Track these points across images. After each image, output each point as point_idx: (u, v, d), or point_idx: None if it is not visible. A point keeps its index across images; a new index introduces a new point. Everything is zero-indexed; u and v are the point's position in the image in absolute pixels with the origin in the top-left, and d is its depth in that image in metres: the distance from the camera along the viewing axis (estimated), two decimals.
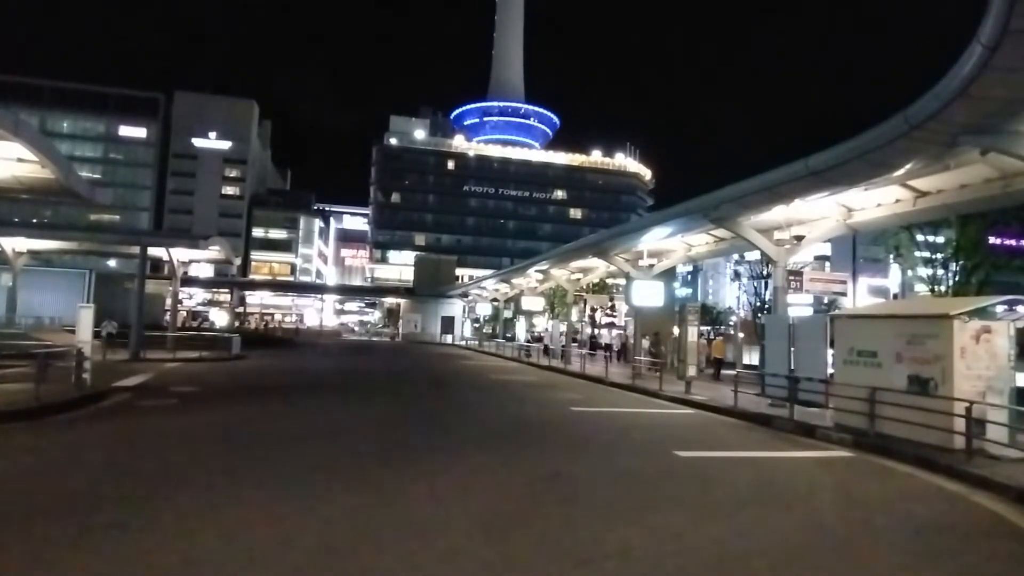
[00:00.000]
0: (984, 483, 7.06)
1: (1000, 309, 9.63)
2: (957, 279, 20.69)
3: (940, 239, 21.75)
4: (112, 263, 59.03)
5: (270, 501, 5.70)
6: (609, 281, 43.71)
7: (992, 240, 21.00)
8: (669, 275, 26.70)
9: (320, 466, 7.27)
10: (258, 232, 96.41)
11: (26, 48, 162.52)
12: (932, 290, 21.46)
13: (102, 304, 18.16)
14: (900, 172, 12.17)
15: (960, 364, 8.52)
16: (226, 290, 72.69)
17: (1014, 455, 7.97)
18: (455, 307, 64.68)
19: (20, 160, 12.95)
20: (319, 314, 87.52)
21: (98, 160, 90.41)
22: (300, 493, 5.99)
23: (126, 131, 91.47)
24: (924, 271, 22.30)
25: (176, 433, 9.29)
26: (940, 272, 21.31)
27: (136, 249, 25.76)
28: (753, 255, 34.65)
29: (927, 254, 21.99)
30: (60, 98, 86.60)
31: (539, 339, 32.56)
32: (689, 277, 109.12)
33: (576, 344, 33.87)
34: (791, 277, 17.03)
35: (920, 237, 21.66)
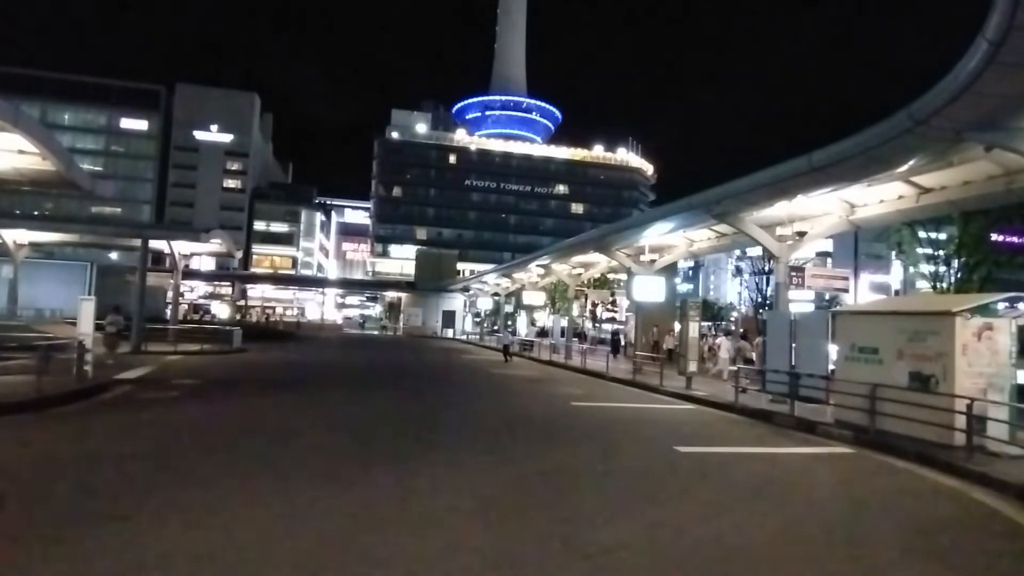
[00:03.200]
0: (984, 480, 7.06)
1: (1002, 306, 9.61)
2: (959, 276, 20.63)
3: (943, 236, 21.68)
4: (113, 256, 59.07)
5: (272, 494, 5.71)
6: (610, 276, 43.67)
7: (995, 237, 20.92)
8: (670, 270, 26.70)
9: (321, 460, 7.29)
10: (259, 225, 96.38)
11: (27, 40, 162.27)
12: (934, 287, 21.42)
13: (103, 297, 18.12)
14: (903, 168, 12.13)
15: (961, 361, 8.52)
16: (227, 283, 72.75)
17: (1014, 452, 7.97)
18: (456, 301, 64.69)
19: (21, 152, 12.92)
20: (320, 308, 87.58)
21: (99, 152, 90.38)
22: (301, 486, 6.01)
23: (127, 123, 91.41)
24: (926, 268, 22.25)
25: (178, 426, 9.30)
26: (942, 269, 21.25)
27: (137, 242, 25.74)
28: (755, 251, 34.56)
29: (929, 251, 21.93)
30: (61, 90, 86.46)
31: (544, 333, 32.33)
32: (690, 272, 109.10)
33: (584, 340, 33.76)
34: (793, 273, 16.98)
35: (922, 234, 21.59)
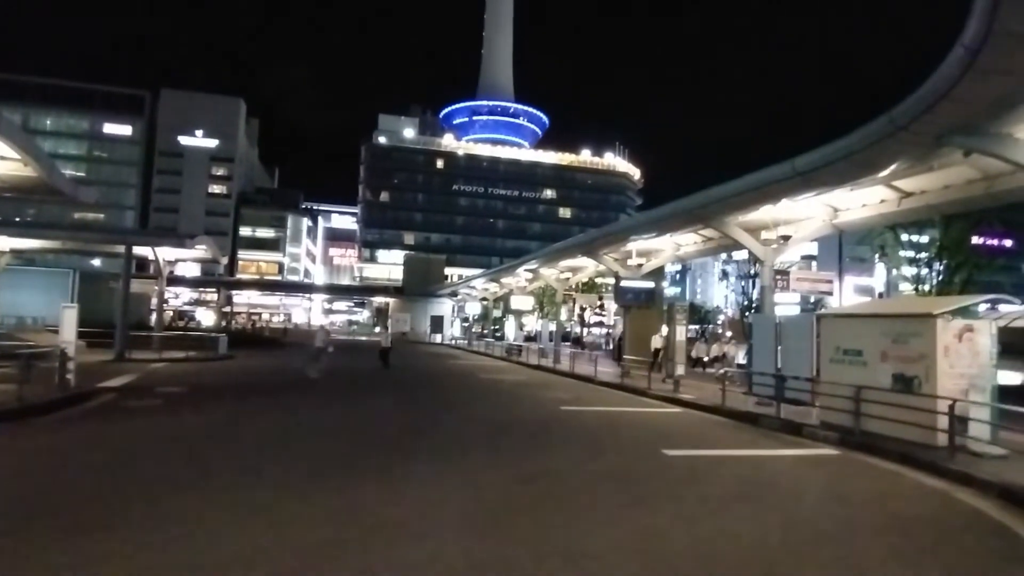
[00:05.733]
0: (967, 480, 7.15)
1: (982, 308, 9.79)
2: (941, 278, 20.91)
3: (924, 239, 21.99)
4: (97, 262, 58.25)
5: (258, 502, 5.66)
6: (598, 280, 43.82)
7: (975, 240, 21.27)
8: (658, 274, 26.82)
9: (307, 467, 7.24)
10: (245, 231, 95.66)
11: (8, 44, 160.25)
12: (916, 289, 21.68)
13: (86, 304, 17.91)
14: (885, 173, 12.31)
15: (943, 362, 8.63)
16: (213, 289, 72.10)
17: (996, 452, 8.08)
18: (444, 306, 64.64)
19: (2, 158, 12.73)
20: (307, 313, 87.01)
21: (82, 158, 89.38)
22: (288, 494, 5.96)
23: (111, 129, 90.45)
24: (908, 270, 22.53)
25: (161, 434, 9.20)
26: (924, 271, 21.53)
27: (121, 248, 25.44)
28: (741, 254, 34.85)
29: (912, 254, 22.21)
30: (43, 95, 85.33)
31: (532, 338, 31.35)
32: (677, 276, 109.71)
33: (582, 346, 33.67)
34: (778, 276, 17.19)
35: (905, 237, 21.88)
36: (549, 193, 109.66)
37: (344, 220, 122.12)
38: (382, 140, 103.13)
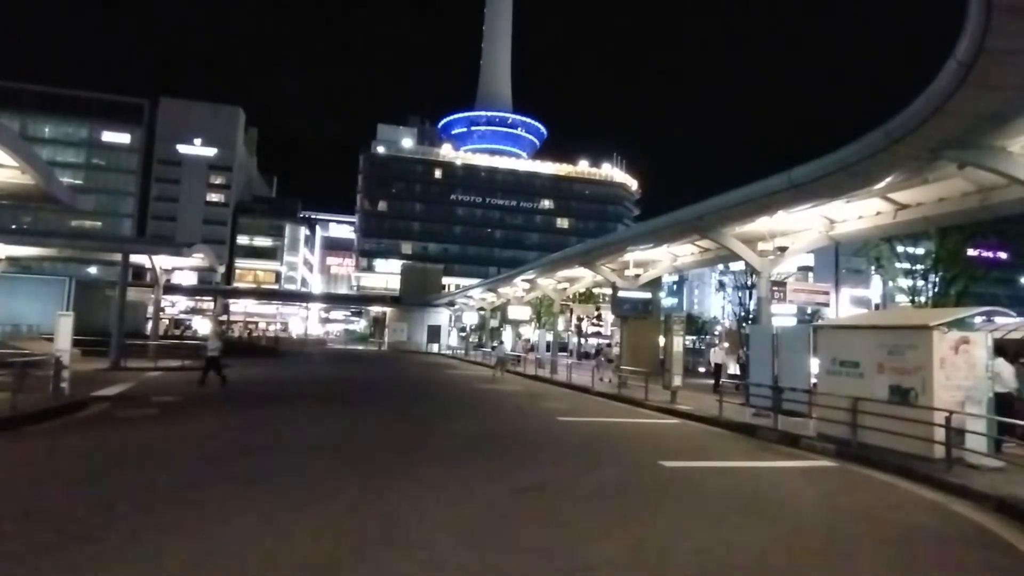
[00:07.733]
0: (963, 492, 7.15)
1: (978, 320, 9.81)
2: (937, 290, 20.95)
3: (920, 251, 22.06)
4: (93, 270, 58.25)
5: (252, 514, 5.62)
6: (595, 291, 43.83)
7: (971, 252, 21.31)
8: (655, 285, 26.84)
9: (301, 478, 7.20)
10: (243, 240, 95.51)
11: (7, 52, 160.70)
12: (912, 301, 21.72)
13: (82, 312, 17.84)
14: (881, 185, 12.38)
15: (940, 374, 8.65)
16: (209, 298, 71.89)
17: (992, 464, 8.09)
18: (441, 316, 64.50)
19: (0, 165, 12.74)
20: (304, 323, 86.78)
21: (80, 166, 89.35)
22: (281, 506, 5.91)
23: (109, 137, 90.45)
24: (904, 282, 22.57)
25: (155, 444, 9.14)
26: (920, 283, 21.57)
27: (118, 256, 25.41)
28: (738, 265, 34.90)
29: (907, 265, 22.26)
30: (42, 103, 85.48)
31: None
32: (675, 287, 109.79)
33: (568, 355, 33.64)
34: (775, 288, 17.20)
35: (900, 248, 21.94)
36: (547, 203, 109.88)
37: (342, 229, 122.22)
38: (380, 150, 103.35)
